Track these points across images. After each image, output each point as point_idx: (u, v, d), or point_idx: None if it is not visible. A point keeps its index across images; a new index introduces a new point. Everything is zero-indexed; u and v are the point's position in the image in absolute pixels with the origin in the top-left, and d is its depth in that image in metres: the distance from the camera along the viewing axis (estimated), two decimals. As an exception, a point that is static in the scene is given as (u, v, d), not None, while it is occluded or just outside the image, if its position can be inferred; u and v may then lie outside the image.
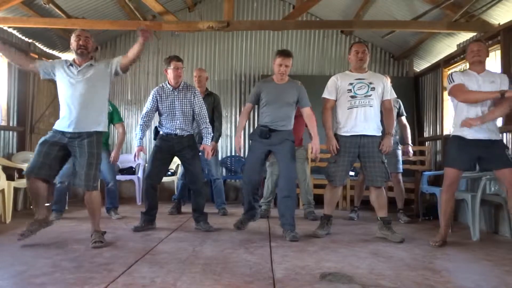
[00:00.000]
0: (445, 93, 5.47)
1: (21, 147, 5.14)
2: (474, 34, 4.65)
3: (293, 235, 3.39)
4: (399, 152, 4.63)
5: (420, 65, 6.36)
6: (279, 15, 6.52)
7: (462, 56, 4.99)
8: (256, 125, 4.06)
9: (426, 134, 6.00)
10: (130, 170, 6.01)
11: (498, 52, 4.25)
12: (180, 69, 3.77)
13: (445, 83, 5.42)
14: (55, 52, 6.02)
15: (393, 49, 6.41)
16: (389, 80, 4.38)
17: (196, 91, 3.83)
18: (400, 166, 4.61)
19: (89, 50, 3.15)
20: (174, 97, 3.76)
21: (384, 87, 3.60)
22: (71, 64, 3.13)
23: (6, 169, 4.42)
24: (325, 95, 3.67)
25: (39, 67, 3.16)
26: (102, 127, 3.18)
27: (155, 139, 3.94)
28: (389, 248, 3.20)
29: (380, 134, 3.61)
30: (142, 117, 3.86)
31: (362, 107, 3.52)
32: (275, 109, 3.61)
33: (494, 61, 4.44)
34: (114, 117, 4.54)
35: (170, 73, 3.75)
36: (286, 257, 2.85)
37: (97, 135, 3.13)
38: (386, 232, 3.51)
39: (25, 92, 5.19)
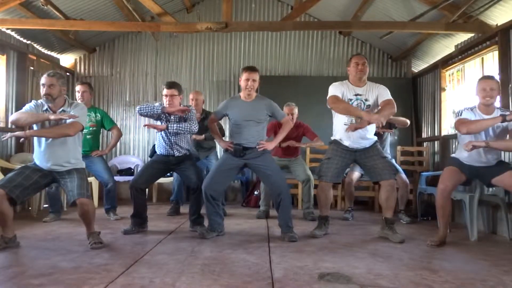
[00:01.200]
0: (443, 94, 5.50)
1: (20, 148, 5.13)
2: (472, 35, 4.67)
3: (291, 236, 3.40)
4: (394, 162, 4.62)
5: (418, 66, 6.37)
6: (278, 16, 6.53)
7: (460, 57, 5.01)
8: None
9: (424, 135, 6.01)
10: (129, 171, 6.02)
11: (496, 53, 4.27)
12: (171, 96, 3.67)
13: (443, 84, 5.50)
14: (53, 54, 6.03)
15: (391, 50, 6.43)
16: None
17: (191, 112, 3.73)
18: (398, 167, 4.62)
19: (54, 97, 3.09)
20: (170, 120, 3.74)
21: (377, 96, 3.54)
22: (46, 109, 3.12)
23: (4, 171, 4.42)
24: (333, 93, 3.54)
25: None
26: (79, 165, 3.25)
27: (151, 156, 3.96)
28: (387, 248, 3.21)
29: (375, 138, 3.67)
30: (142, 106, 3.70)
31: None
32: (244, 128, 3.55)
33: (492, 62, 4.46)
34: (105, 123, 4.52)
35: (163, 100, 3.73)
36: (284, 257, 2.86)
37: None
38: (388, 232, 3.52)
39: (23, 93, 5.19)
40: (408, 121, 4.62)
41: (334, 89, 3.59)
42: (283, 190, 3.51)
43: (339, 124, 3.62)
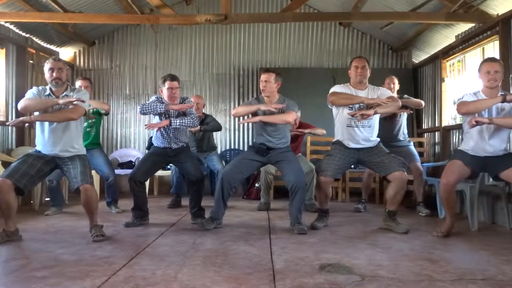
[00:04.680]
0: (444, 85, 5.48)
1: (20, 142, 5.14)
2: (473, 24, 4.64)
3: (301, 228, 3.41)
4: (412, 148, 4.55)
5: (419, 57, 6.35)
6: (277, 7, 6.48)
7: (460, 47, 4.99)
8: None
9: (424, 126, 6.00)
10: (130, 164, 6.02)
11: (497, 43, 4.25)
12: (175, 89, 3.70)
13: (444, 74, 5.48)
14: (52, 47, 6.00)
15: (392, 40, 6.39)
16: (396, 80, 4.38)
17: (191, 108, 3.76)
18: (418, 157, 4.54)
19: (63, 81, 3.14)
20: (170, 114, 3.74)
21: (379, 97, 3.50)
22: (49, 94, 3.14)
23: (5, 164, 4.43)
24: (333, 90, 3.59)
25: None
26: (81, 151, 3.27)
27: (148, 148, 3.98)
28: (387, 239, 3.22)
29: (378, 139, 3.64)
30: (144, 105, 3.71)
31: (362, 127, 3.54)
32: (269, 129, 3.59)
33: (492, 52, 4.44)
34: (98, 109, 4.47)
35: (165, 93, 3.73)
36: (285, 248, 2.88)
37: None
38: (391, 223, 3.52)
39: (23, 87, 5.16)
40: (423, 102, 4.57)
41: (335, 88, 3.62)
42: (299, 186, 3.48)
43: (341, 126, 3.60)
